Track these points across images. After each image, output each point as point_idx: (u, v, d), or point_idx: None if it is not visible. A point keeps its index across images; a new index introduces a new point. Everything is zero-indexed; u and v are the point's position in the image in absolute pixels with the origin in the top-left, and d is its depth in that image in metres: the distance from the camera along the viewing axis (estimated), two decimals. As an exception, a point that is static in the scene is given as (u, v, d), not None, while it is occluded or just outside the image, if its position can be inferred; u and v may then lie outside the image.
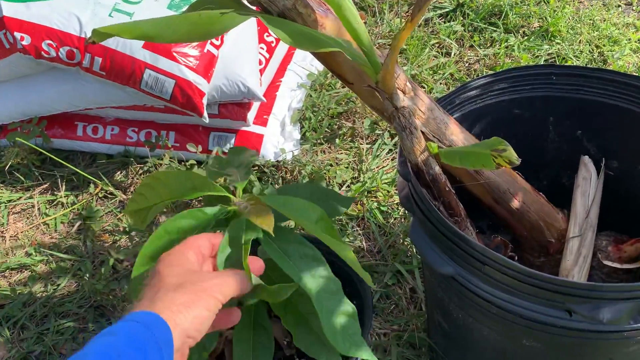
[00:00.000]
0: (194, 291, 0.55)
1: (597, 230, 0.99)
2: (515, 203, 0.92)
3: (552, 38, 1.83)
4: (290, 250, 0.69)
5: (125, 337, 0.50)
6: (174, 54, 1.33)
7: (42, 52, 1.33)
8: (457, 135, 0.86)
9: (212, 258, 0.63)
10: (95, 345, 0.50)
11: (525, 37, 1.83)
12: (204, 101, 1.35)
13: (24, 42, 1.32)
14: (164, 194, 0.72)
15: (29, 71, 1.43)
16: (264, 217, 0.64)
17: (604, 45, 1.79)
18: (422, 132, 0.82)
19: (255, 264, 0.64)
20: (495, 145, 0.71)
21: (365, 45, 0.72)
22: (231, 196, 0.71)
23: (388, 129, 1.56)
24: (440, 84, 1.68)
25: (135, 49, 1.32)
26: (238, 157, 0.87)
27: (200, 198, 0.76)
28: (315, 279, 0.67)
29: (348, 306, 0.69)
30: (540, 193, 0.95)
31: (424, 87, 1.69)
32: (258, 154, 1.48)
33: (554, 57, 1.77)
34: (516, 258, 0.97)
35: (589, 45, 1.80)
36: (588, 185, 1.01)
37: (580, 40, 1.81)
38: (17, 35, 1.32)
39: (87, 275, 1.29)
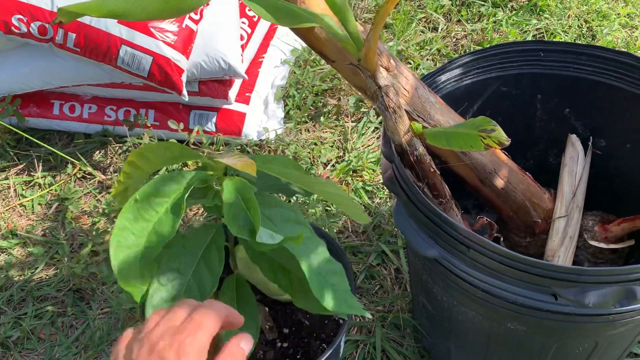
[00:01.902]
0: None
1: (584, 209, 0.97)
2: (501, 183, 0.90)
3: (541, 12, 1.79)
4: (273, 214, 0.68)
5: None
6: (151, 29, 1.28)
7: (13, 28, 1.28)
8: (443, 114, 0.83)
9: None
10: None
11: (514, 12, 1.80)
12: (183, 78, 1.31)
13: (-8, 17, 1.26)
14: (146, 167, 0.70)
15: (-1, 47, 1.37)
16: (245, 163, 0.62)
17: (592, 20, 1.76)
18: (407, 112, 0.79)
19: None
20: (483, 125, 0.68)
21: (347, 21, 0.69)
22: (212, 162, 0.69)
23: (374, 107, 1.52)
24: (427, 59, 1.65)
25: (110, 24, 1.27)
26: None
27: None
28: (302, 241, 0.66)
29: (334, 265, 0.67)
30: (527, 173, 0.93)
31: (410, 63, 1.66)
32: (240, 133, 1.45)
33: (542, 32, 1.74)
34: (502, 239, 0.96)
35: (578, 20, 1.77)
36: (575, 164, 1.00)
37: (569, 15, 1.78)
38: (-15, 9, 1.26)
39: (65, 258, 1.26)
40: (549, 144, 1.06)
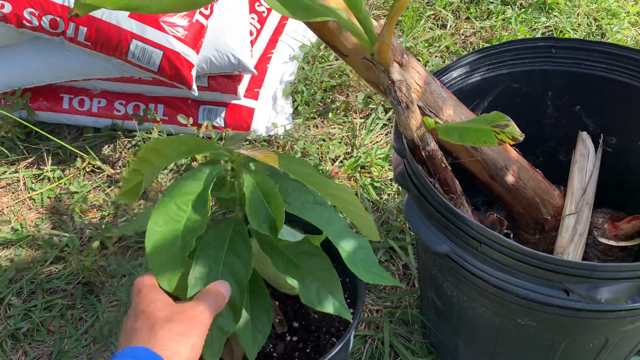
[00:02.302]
0: (185, 320, 0.57)
1: (594, 207, 0.97)
2: (512, 179, 0.90)
3: (550, 10, 1.79)
4: (291, 200, 0.69)
5: None
6: (162, 24, 1.28)
7: (24, 21, 1.28)
8: (455, 110, 0.83)
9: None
10: None
11: (523, 10, 1.79)
12: (193, 73, 1.31)
13: (4, 10, 1.27)
14: (158, 161, 0.70)
15: (10, 41, 1.38)
16: (267, 155, 0.62)
17: (602, 19, 1.76)
18: (419, 107, 0.79)
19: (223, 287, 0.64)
20: (497, 121, 0.68)
21: (361, 15, 0.69)
22: (229, 152, 0.69)
23: (382, 103, 1.52)
24: (436, 56, 1.65)
25: (121, 18, 1.27)
26: (233, 142, 0.85)
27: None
28: (324, 220, 0.68)
29: (361, 240, 0.70)
30: (537, 169, 0.93)
31: (419, 60, 1.65)
32: (249, 129, 1.45)
33: (552, 30, 1.73)
34: (511, 235, 0.96)
35: (587, 18, 1.77)
36: (585, 161, 0.99)
37: (578, 13, 1.77)
38: (-3, 2, 1.26)
39: (75, 251, 1.27)
40: (559, 141, 1.06)
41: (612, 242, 0.95)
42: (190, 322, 0.57)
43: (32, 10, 1.27)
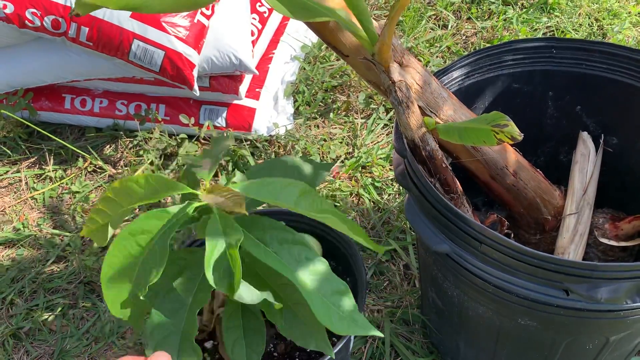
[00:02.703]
0: None
1: (594, 207, 0.97)
2: (512, 180, 0.90)
3: (551, 10, 1.79)
4: (268, 239, 0.65)
5: None
6: (163, 24, 1.29)
7: (26, 21, 1.29)
8: (456, 110, 0.83)
9: None
10: None
11: (524, 10, 1.79)
12: (194, 73, 1.32)
13: (6, 11, 1.27)
14: (126, 202, 0.67)
15: (13, 41, 1.38)
16: (235, 202, 0.59)
17: (603, 19, 1.76)
18: (419, 107, 0.79)
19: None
20: (496, 120, 0.69)
21: (362, 15, 0.69)
22: (198, 192, 0.67)
23: (383, 103, 1.53)
24: (437, 57, 1.65)
25: (123, 18, 1.28)
26: (217, 146, 0.83)
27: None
28: (301, 263, 0.64)
29: (339, 284, 0.65)
30: (538, 169, 0.93)
31: (420, 60, 1.65)
32: (250, 129, 1.46)
33: (553, 31, 1.73)
34: (512, 235, 0.96)
35: (589, 18, 1.77)
36: (586, 161, 0.99)
37: (579, 13, 1.77)
38: (0, 3, 1.27)
39: (77, 251, 1.27)
40: (560, 141, 1.06)
41: (613, 242, 0.95)
42: None
43: (34, 10, 1.27)
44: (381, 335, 0.64)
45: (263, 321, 0.74)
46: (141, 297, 0.63)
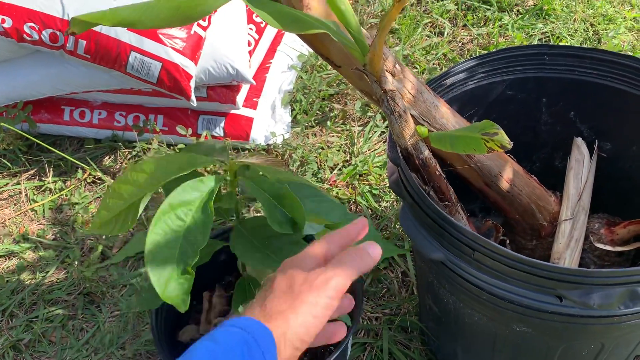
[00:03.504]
0: (298, 294, 0.48)
1: (590, 212, 0.98)
2: (507, 186, 0.90)
3: (547, 16, 1.80)
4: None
5: (225, 346, 0.46)
6: (160, 36, 1.30)
7: (25, 35, 1.30)
8: (448, 118, 0.84)
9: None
10: (195, 351, 0.46)
11: (520, 16, 1.80)
12: (192, 84, 1.33)
13: (5, 25, 1.29)
14: (149, 185, 0.69)
15: (11, 55, 1.39)
16: (273, 163, 0.65)
17: (598, 24, 1.77)
18: (412, 116, 0.80)
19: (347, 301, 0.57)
20: (486, 129, 0.69)
21: (352, 27, 0.70)
22: (226, 163, 0.70)
23: (380, 111, 1.53)
24: (433, 64, 1.66)
25: (120, 31, 1.29)
26: (208, 148, 0.85)
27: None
28: (324, 209, 0.71)
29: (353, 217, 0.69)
30: (532, 176, 0.94)
31: (416, 68, 1.67)
32: (248, 138, 1.46)
33: (548, 36, 1.74)
34: (508, 242, 0.97)
35: (584, 23, 1.78)
36: (581, 167, 1.00)
37: (575, 19, 1.78)
38: (-2, 17, 1.28)
39: (76, 262, 1.28)
40: (554, 147, 1.06)
41: (609, 247, 0.96)
42: (302, 297, 0.48)
43: (32, 24, 1.29)
44: (401, 251, 0.68)
45: None
46: (189, 269, 0.63)
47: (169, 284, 0.63)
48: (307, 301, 0.48)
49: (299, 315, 0.48)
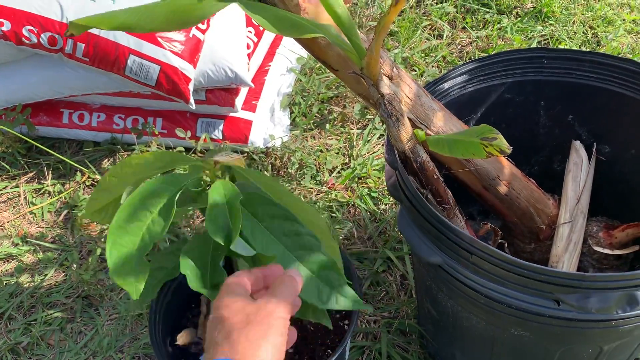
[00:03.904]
0: (261, 321, 0.53)
1: (588, 215, 0.98)
2: (505, 190, 0.90)
3: (546, 19, 1.80)
4: (259, 211, 0.67)
5: None
6: (159, 39, 1.30)
7: (23, 38, 1.30)
8: (446, 121, 0.84)
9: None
10: None
11: (519, 18, 1.80)
12: (190, 87, 1.33)
13: (3, 28, 1.29)
14: (132, 180, 0.70)
15: (10, 58, 1.40)
16: (234, 158, 0.62)
17: (598, 27, 1.77)
18: (409, 119, 0.80)
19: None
20: (485, 134, 0.69)
21: (348, 30, 0.70)
22: (208, 162, 0.70)
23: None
24: (432, 66, 1.66)
25: (118, 34, 1.29)
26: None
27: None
28: (289, 237, 0.66)
29: (326, 260, 0.66)
30: (531, 179, 0.94)
31: (415, 71, 1.67)
32: (247, 141, 1.46)
33: (547, 39, 1.74)
34: (506, 245, 0.97)
35: (583, 26, 1.78)
36: (579, 170, 1.00)
37: (574, 21, 1.78)
38: (-3, 20, 1.28)
39: (75, 265, 1.28)
40: (553, 150, 1.06)
41: (607, 251, 0.95)
42: (267, 322, 0.53)
43: (31, 27, 1.29)
44: (368, 308, 0.65)
45: None
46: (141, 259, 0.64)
47: (125, 269, 0.64)
48: (271, 324, 0.53)
49: (270, 338, 0.52)
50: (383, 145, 1.48)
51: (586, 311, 0.67)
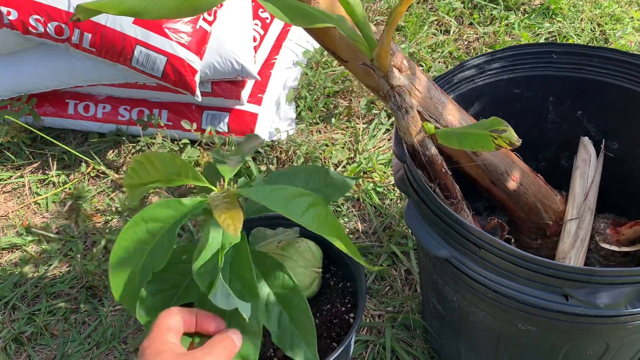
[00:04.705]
0: None
1: (596, 212, 0.97)
2: (513, 185, 0.90)
3: (553, 16, 1.79)
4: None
5: None
6: (166, 30, 1.29)
7: (30, 28, 1.30)
8: (455, 115, 0.83)
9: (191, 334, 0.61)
10: None
11: (526, 15, 1.80)
12: (197, 79, 1.32)
13: (10, 17, 1.28)
14: (153, 175, 0.70)
15: (17, 47, 1.39)
16: (230, 218, 0.59)
17: (605, 24, 1.76)
18: (419, 112, 0.79)
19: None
20: (495, 126, 0.69)
21: (360, 21, 0.69)
22: (212, 187, 0.69)
23: (385, 108, 1.53)
24: (439, 62, 1.65)
25: (125, 24, 1.29)
26: (248, 144, 0.85)
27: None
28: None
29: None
30: (539, 174, 0.93)
31: (422, 66, 1.66)
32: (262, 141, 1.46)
33: (555, 36, 1.73)
34: (513, 240, 0.96)
35: (591, 23, 1.77)
36: (587, 166, 0.99)
37: (581, 19, 1.77)
38: (4, 9, 1.28)
39: (79, 255, 1.27)
40: (561, 146, 1.06)
41: (614, 248, 0.95)
42: None
43: (38, 17, 1.29)
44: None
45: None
46: (143, 284, 0.63)
47: (125, 290, 0.64)
48: None
49: None
50: (389, 140, 1.47)
51: (595, 306, 0.67)
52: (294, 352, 0.70)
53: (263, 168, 1.40)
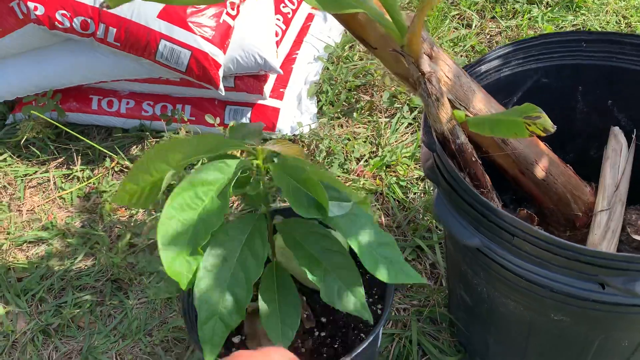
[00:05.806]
0: None
1: (627, 203, 0.95)
2: (542, 174, 0.89)
3: (577, 8, 1.77)
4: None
5: None
6: (190, 24, 1.30)
7: (56, 23, 1.31)
8: (485, 103, 0.82)
9: None
10: None
11: (549, 8, 1.78)
12: (220, 73, 1.33)
13: (37, 12, 1.30)
14: (175, 161, 0.69)
15: (43, 43, 1.41)
16: (290, 147, 0.62)
17: (631, 16, 1.73)
18: (448, 99, 0.79)
19: None
20: (528, 112, 0.68)
21: (391, 7, 0.69)
22: (255, 148, 0.69)
23: (407, 102, 1.52)
24: (461, 56, 1.64)
25: (150, 19, 1.29)
26: (244, 130, 0.85)
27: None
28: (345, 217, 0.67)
29: (385, 237, 0.68)
30: (568, 165, 0.92)
31: (443, 60, 1.65)
32: (274, 128, 1.46)
33: (579, 29, 1.71)
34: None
35: (616, 15, 1.74)
36: (618, 157, 0.98)
37: (606, 11, 1.75)
38: (31, 5, 1.29)
39: (104, 249, 1.28)
40: (589, 136, 1.04)
41: (647, 239, 0.93)
42: None
43: (64, 12, 1.30)
44: (427, 282, 0.66)
45: (298, 296, 0.76)
46: (200, 250, 0.64)
47: (177, 260, 0.64)
48: None
49: None
50: (412, 134, 1.47)
51: (633, 295, 0.65)
52: (342, 304, 0.72)
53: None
